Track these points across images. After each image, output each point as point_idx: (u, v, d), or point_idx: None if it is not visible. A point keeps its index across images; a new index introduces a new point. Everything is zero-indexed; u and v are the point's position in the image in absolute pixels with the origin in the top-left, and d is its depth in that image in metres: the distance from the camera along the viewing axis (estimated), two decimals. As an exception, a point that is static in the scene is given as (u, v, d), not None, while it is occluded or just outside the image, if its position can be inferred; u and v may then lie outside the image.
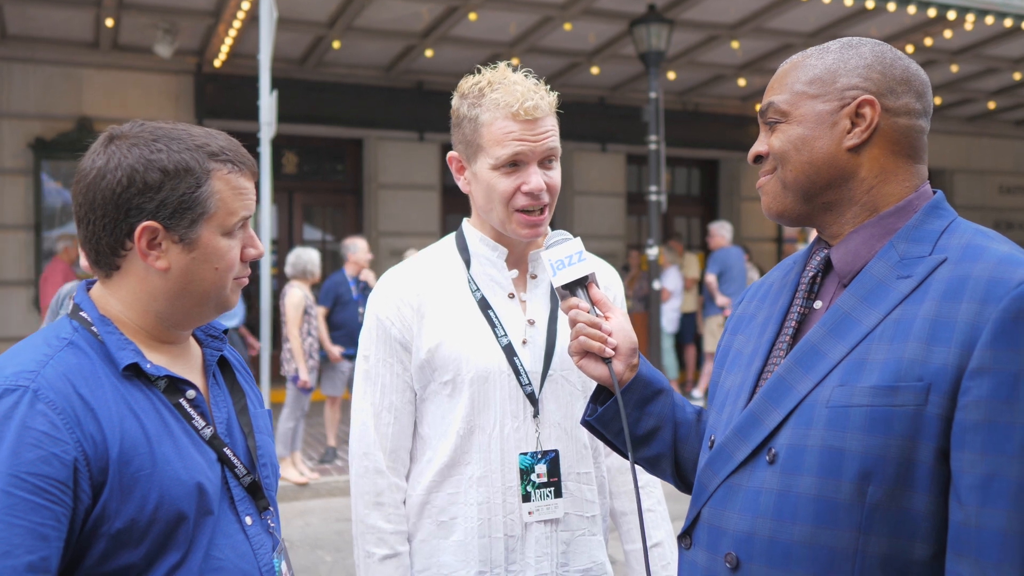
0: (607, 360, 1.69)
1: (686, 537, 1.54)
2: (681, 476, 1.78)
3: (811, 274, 1.54)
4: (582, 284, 1.77)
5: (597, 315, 1.74)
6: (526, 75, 2.10)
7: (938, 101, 15.07)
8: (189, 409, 1.51)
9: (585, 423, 1.78)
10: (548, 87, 2.11)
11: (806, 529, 1.35)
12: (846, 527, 1.32)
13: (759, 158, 1.56)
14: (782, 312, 1.56)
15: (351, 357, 8.58)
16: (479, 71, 2.12)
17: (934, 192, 1.50)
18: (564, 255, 1.78)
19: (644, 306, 11.78)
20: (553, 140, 2.07)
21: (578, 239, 1.82)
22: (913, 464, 1.30)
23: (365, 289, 8.86)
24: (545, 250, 1.81)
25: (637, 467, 2.26)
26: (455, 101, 2.13)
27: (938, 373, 1.29)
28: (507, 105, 2.01)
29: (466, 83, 2.11)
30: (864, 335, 1.38)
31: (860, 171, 1.47)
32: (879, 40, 1.53)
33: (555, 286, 1.78)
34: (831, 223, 1.51)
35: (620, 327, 1.73)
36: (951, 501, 1.29)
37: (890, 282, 1.40)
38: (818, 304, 1.52)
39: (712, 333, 11.87)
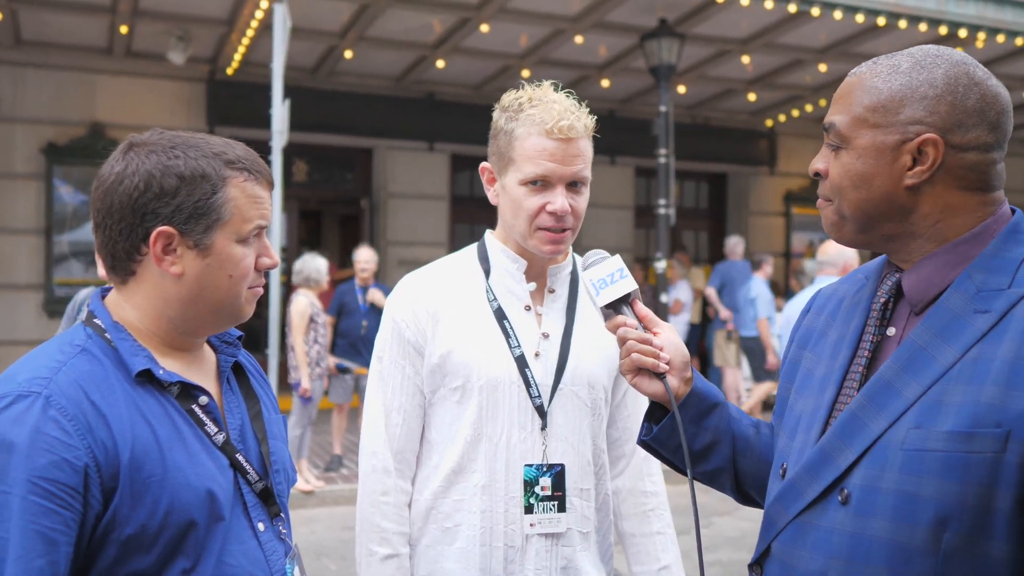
0: (661, 376, 1.65)
1: (756, 567, 1.52)
2: (741, 490, 1.75)
3: (883, 300, 1.49)
4: (626, 301, 1.73)
5: (645, 331, 1.71)
6: (568, 95, 2.11)
7: (948, 118, 15.02)
8: (202, 415, 1.52)
9: (642, 443, 1.74)
10: (588, 111, 2.10)
11: (880, 572, 1.32)
12: (921, 572, 1.29)
13: (818, 173, 1.52)
14: (855, 336, 1.51)
15: (345, 371, 8.61)
16: (523, 86, 2.14)
17: (1012, 212, 1.45)
18: (606, 273, 1.75)
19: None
20: (582, 167, 2.07)
21: (618, 256, 1.79)
22: (991, 512, 1.26)
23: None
24: (584, 270, 1.78)
25: (653, 489, 2.26)
26: (495, 113, 2.15)
27: (1018, 419, 1.25)
28: (542, 122, 2.02)
29: (508, 97, 2.13)
30: (940, 374, 1.33)
31: (921, 208, 1.41)
32: (961, 59, 1.42)
33: (599, 306, 1.74)
34: (896, 251, 1.47)
35: (671, 342, 1.68)
36: None
37: (967, 316, 1.35)
38: (891, 331, 1.47)
39: (719, 346, 11.86)
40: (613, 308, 1.74)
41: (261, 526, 1.55)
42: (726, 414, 1.71)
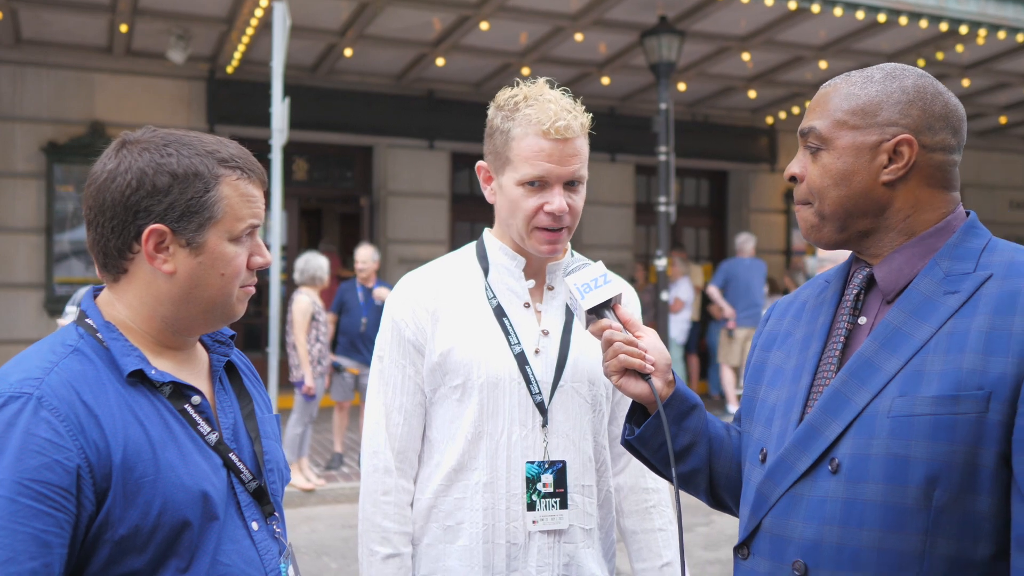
0: (646, 377, 1.70)
1: (743, 548, 1.58)
2: (714, 492, 1.81)
3: (855, 292, 1.60)
4: (608, 305, 1.78)
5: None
6: (564, 93, 2.11)
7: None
8: (194, 415, 1.52)
9: (625, 443, 1.79)
10: (584, 108, 2.11)
11: (874, 534, 1.41)
12: (913, 531, 1.39)
13: (794, 177, 1.62)
14: (825, 328, 1.62)
15: (339, 369, 8.62)
16: (518, 83, 2.13)
17: (967, 213, 1.58)
18: (589, 278, 1.79)
19: (652, 316, 11.79)
20: (579, 166, 2.08)
21: (600, 262, 1.83)
22: (977, 468, 1.37)
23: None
24: (567, 275, 1.82)
25: (654, 486, 2.27)
26: (491, 111, 2.15)
27: (998, 382, 1.37)
28: (539, 122, 2.03)
29: (503, 95, 2.13)
30: (918, 348, 1.45)
31: (896, 202, 1.54)
32: (923, 72, 1.58)
33: (583, 309, 1.78)
34: (869, 246, 1.59)
35: (653, 345, 1.74)
36: (1014, 500, 1.36)
37: (938, 297, 1.47)
38: (863, 320, 1.58)
39: (722, 344, 11.85)
40: (596, 313, 1.78)
41: (255, 525, 1.54)
42: (703, 416, 1.77)
